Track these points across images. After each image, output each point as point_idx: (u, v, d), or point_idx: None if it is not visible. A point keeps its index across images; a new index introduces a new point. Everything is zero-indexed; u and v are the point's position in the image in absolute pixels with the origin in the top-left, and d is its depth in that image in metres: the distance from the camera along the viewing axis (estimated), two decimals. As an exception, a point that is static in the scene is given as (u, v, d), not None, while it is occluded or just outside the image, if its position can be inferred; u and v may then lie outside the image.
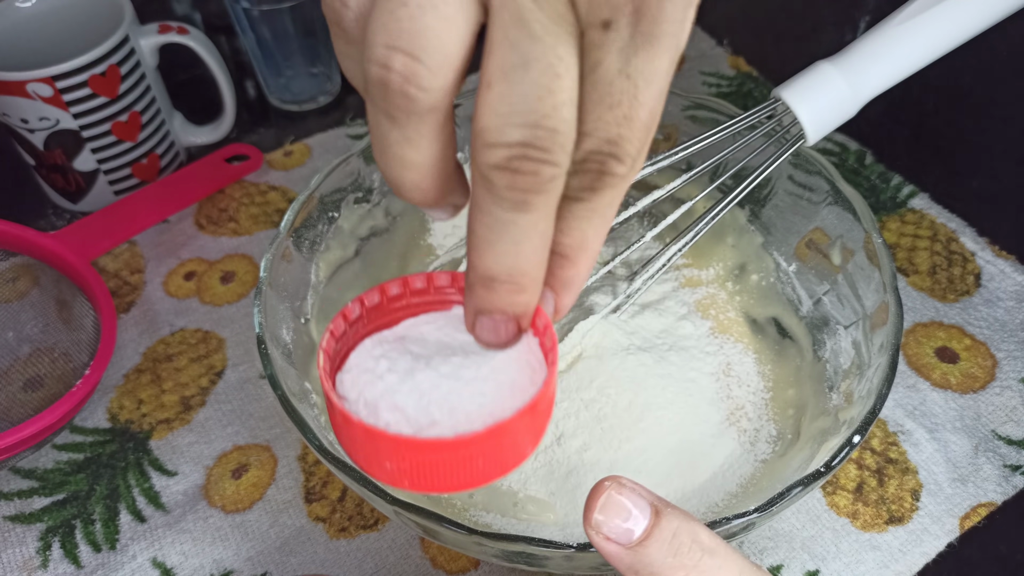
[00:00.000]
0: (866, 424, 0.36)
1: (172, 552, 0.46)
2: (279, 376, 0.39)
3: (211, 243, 0.62)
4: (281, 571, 0.45)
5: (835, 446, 0.36)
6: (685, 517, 0.29)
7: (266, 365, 0.39)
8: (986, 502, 0.46)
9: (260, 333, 0.40)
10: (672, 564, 0.28)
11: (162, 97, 0.64)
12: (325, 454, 0.36)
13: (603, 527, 0.28)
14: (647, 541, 0.28)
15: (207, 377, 0.54)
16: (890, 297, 0.41)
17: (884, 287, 0.42)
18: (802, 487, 0.34)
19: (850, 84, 0.42)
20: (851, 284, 0.45)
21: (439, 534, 0.35)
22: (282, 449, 0.50)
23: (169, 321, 0.57)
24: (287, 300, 0.45)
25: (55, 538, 0.47)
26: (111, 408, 0.52)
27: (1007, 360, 0.52)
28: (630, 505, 0.28)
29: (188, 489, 0.48)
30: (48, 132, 0.58)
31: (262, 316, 0.41)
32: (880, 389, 0.38)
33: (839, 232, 0.46)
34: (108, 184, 0.63)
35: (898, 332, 0.39)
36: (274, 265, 0.44)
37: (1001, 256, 0.57)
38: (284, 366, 0.41)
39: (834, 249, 0.47)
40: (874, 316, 0.42)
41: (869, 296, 0.43)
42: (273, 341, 0.41)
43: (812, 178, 0.48)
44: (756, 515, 0.33)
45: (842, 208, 0.46)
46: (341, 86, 0.73)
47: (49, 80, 0.55)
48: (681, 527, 0.28)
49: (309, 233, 0.48)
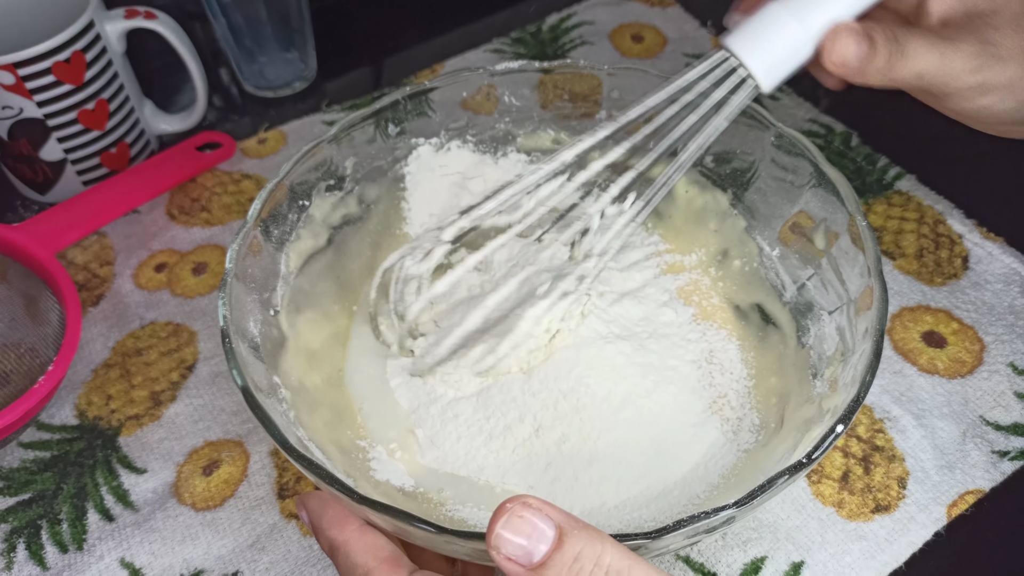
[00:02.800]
0: (849, 413, 0.35)
1: (141, 552, 0.45)
2: (244, 370, 0.38)
3: (183, 233, 0.60)
4: (253, 569, 0.44)
5: (818, 435, 0.35)
6: (592, 539, 0.28)
7: (230, 360, 0.38)
8: (974, 489, 0.45)
9: (224, 327, 0.39)
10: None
11: (131, 84, 0.62)
12: (290, 451, 0.35)
13: (503, 547, 0.28)
14: (547, 563, 0.28)
15: (178, 371, 0.52)
16: (875, 281, 0.40)
17: (869, 271, 0.40)
18: (783, 478, 0.33)
19: (800, 20, 0.39)
20: (835, 268, 0.44)
21: (410, 533, 0.33)
22: (254, 444, 0.49)
23: (139, 314, 0.55)
24: (255, 291, 0.44)
25: (20, 539, 0.45)
26: (79, 404, 0.51)
27: (995, 344, 0.51)
28: (532, 526, 0.28)
29: (158, 487, 0.47)
30: (12, 121, 0.57)
31: (227, 309, 0.40)
32: (864, 376, 0.36)
33: (823, 215, 0.45)
34: (76, 174, 0.61)
35: (883, 317, 0.38)
36: (241, 255, 0.42)
37: (989, 238, 0.56)
38: (251, 360, 0.40)
39: (818, 233, 0.45)
40: (858, 301, 0.41)
41: (853, 280, 0.42)
42: (239, 335, 0.40)
43: (796, 160, 0.46)
44: (735, 509, 0.32)
45: (826, 191, 0.44)
46: (317, 72, 0.72)
47: (11, 67, 0.54)
48: (585, 550, 0.28)
49: (279, 222, 0.46)
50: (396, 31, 0.77)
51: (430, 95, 0.51)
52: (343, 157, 0.49)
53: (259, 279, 0.44)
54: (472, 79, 0.51)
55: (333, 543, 0.34)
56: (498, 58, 0.72)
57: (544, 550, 0.28)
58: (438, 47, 0.74)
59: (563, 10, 0.77)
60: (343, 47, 0.75)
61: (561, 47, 0.73)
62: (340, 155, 0.49)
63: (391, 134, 0.51)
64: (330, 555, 0.35)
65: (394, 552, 0.34)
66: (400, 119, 0.51)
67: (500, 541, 0.28)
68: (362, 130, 0.49)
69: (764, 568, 0.43)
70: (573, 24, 0.75)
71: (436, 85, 0.51)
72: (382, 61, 0.74)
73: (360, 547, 0.34)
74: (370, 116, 0.49)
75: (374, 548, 0.34)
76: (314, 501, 0.36)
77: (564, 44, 0.73)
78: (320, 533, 0.35)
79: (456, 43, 0.74)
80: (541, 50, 0.73)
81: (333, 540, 0.34)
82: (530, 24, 0.75)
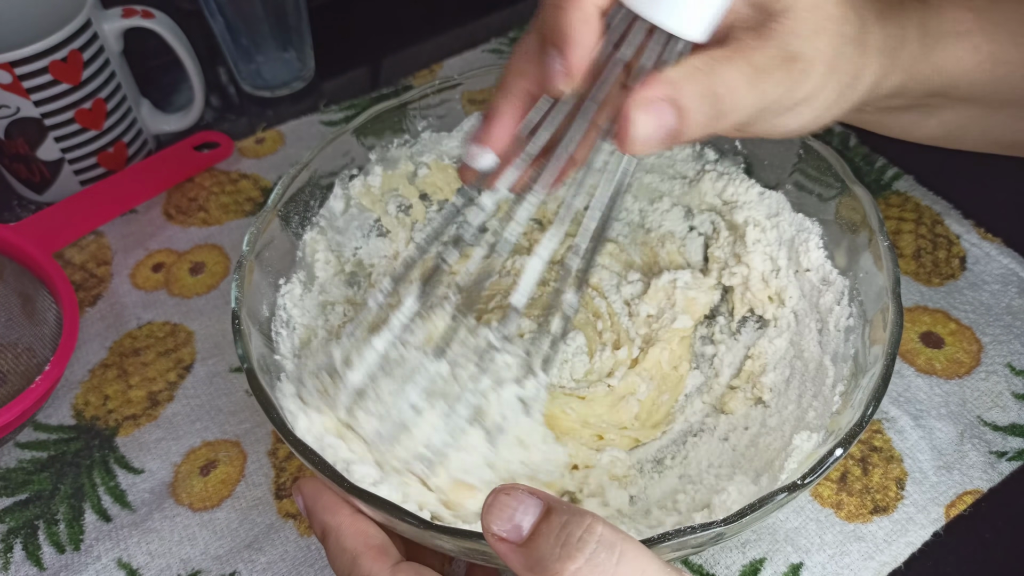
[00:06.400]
0: (850, 437, 0.34)
1: (138, 552, 0.45)
2: (251, 353, 0.38)
3: (180, 233, 0.60)
4: (250, 570, 0.44)
5: (816, 457, 0.34)
6: (581, 513, 0.28)
7: (238, 343, 0.38)
8: (972, 489, 0.45)
9: (236, 308, 0.39)
10: (560, 555, 0.27)
11: (128, 83, 0.62)
12: (288, 436, 0.35)
13: (493, 524, 0.29)
14: (535, 535, 0.28)
15: (175, 371, 0.52)
16: (891, 303, 0.38)
17: (887, 292, 0.39)
18: (776, 498, 0.32)
19: None
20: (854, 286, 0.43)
21: (396, 526, 0.34)
22: (252, 444, 0.48)
23: (136, 314, 0.55)
24: (270, 276, 0.44)
25: (17, 540, 0.45)
26: (76, 404, 0.51)
27: (992, 345, 0.51)
28: (519, 501, 0.29)
29: (155, 487, 0.47)
30: (9, 120, 0.57)
31: (239, 291, 0.40)
32: (869, 403, 0.35)
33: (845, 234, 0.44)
34: (74, 174, 0.61)
35: (896, 341, 0.37)
36: (258, 239, 0.43)
37: (987, 239, 0.56)
38: (259, 345, 0.40)
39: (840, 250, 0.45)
40: (874, 321, 0.40)
41: (871, 301, 0.41)
42: (251, 317, 0.40)
43: (822, 176, 0.46)
44: (723, 527, 0.32)
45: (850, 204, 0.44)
46: (314, 72, 0.72)
47: (7, 66, 0.54)
48: (572, 520, 0.28)
49: (298, 208, 0.46)
50: (394, 31, 0.77)
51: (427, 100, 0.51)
52: (364, 149, 0.49)
53: (275, 264, 0.44)
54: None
55: (325, 527, 0.35)
56: (497, 58, 0.72)
57: (532, 521, 0.28)
58: (436, 47, 0.74)
59: (561, 10, 0.76)
60: (341, 47, 0.75)
61: (559, 47, 0.73)
62: (361, 148, 0.49)
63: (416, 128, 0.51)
64: (322, 540, 0.36)
65: (384, 541, 0.34)
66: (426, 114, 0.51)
67: (491, 518, 0.29)
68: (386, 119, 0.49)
69: (763, 570, 0.43)
70: (571, 24, 0.75)
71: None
72: (380, 61, 0.74)
73: (351, 532, 0.34)
74: (397, 107, 0.49)
75: (364, 535, 0.34)
76: (309, 486, 0.36)
77: (562, 44, 0.73)
78: (313, 517, 0.36)
79: (454, 43, 0.74)
80: (539, 50, 0.72)
81: (326, 524, 0.35)
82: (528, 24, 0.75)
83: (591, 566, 0.27)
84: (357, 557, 0.33)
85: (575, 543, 0.27)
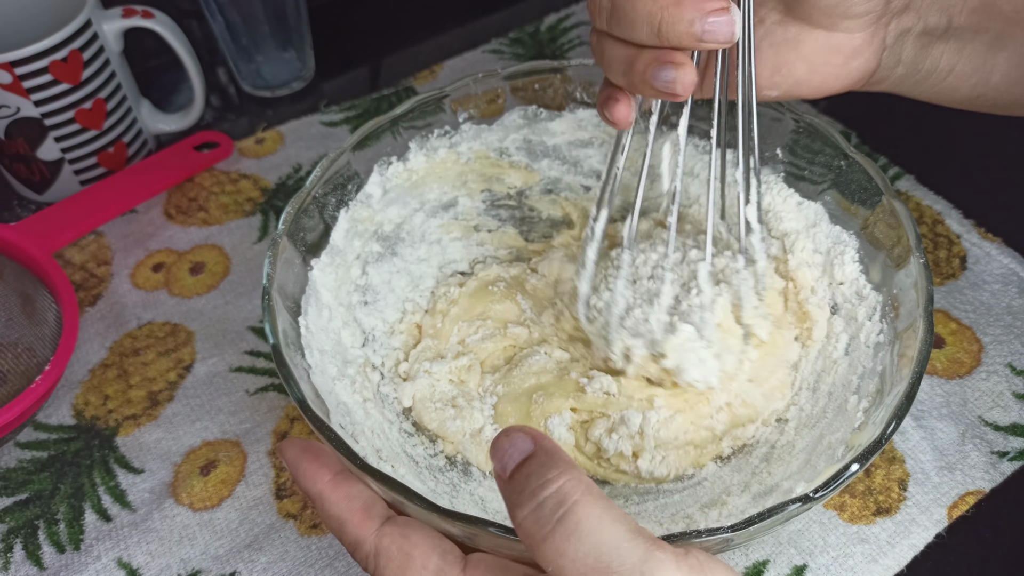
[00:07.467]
0: (868, 453, 0.34)
1: (138, 552, 0.44)
2: (277, 328, 0.39)
3: (180, 233, 0.60)
4: (250, 570, 0.44)
5: (831, 472, 0.34)
6: (555, 463, 0.29)
7: (266, 315, 0.39)
8: (974, 490, 0.45)
9: (267, 284, 0.40)
10: (516, 501, 0.28)
11: (128, 83, 0.62)
12: (306, 410, 0.35)
13: (492, 459, 0.30)
14: (512, 476, 0.29)
15: (175, 371, 0.52)
16: (922, 322, 0.38)
17: (919, 309, 0.39)
18: (791, 507, 0.32)
19: None
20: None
21: (405, 506, 0.34)
22: (252, 444, 0.48)
23: (136, 314, 0.55)
24: (300, 254, 0.44)
25: (17, 540, 0.45)
26: (76, 404, 0.51)
27: (993, 344, 0.51)
28: (511, 443, 0.29)
29: (155, 487, 0.47)
30: (9, 120, 0.56)
31: (271, 268, 0.40)
32: (890, 422, 0.35)
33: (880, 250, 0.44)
34: (74, 174, 0.61)
35: (924, 360, 0.37)
36: (295, 218, 0.43)
37: (987, 238, 0.56)
38: (286, 318, 0.40)
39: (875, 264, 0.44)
40: (903, 336, 0.40)
41: (902, 317, 0.41)
42: (280, 291, 0.40)
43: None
44: (731, 533, 0.31)
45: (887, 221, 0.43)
46: (314, 72, 0.71)
47: (7, 66, 0.54)
48: (542, 467, 0.28)
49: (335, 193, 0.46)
50: (394, 31, 0.77)
51: (445, 101, 0.50)
52: (406, 138, 0.49)
53: (308, 244, 0.45)
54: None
55: (309, 495, 0.35)
56: (497, 58, 0.72)
57: (516, 461, 0.29)
58: (436, 47, 0.74)
59: (561, 10, 0.76)
60: (341, 47, 0.75)
61: (559, 47, 0.73)
62: (400, 138, 0.49)
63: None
64: (311, 504, 0.36)
65: (367, 501, 0.34)
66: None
67: (491, 451, 0.30)
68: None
69: (766, 572, 0.43)
70: (571, 24, 0.75)
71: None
72: (380, 61, 0.74)
73: (334, 499, 0.34)
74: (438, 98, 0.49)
75: (347, 499, 0.34)
76: (291, 451, 0.36)
77: (562, 44, 0.73)
78: (298, 483, 0.36)
79: (454, 43, 0.74)
80: (539, 50, 0.73)
81: (308, 492, 0.35)
82: (528, 25, 0.75)
83: (534, 517, 0.28)
84: (343, 524, 0.34)
85: (528, 492, 0.28)
